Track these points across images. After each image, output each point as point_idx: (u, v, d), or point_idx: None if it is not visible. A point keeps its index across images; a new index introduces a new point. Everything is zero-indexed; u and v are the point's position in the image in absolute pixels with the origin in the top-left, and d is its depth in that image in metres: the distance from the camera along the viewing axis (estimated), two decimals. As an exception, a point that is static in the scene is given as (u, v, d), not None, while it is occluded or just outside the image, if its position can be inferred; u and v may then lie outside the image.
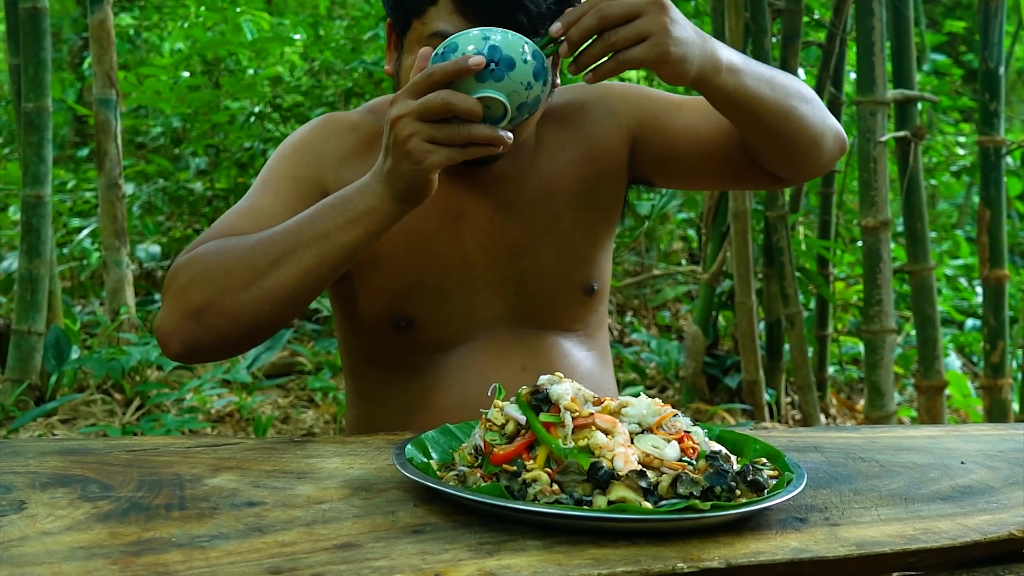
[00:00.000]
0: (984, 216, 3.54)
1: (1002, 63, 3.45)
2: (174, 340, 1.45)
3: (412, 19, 1.54)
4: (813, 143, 1.60)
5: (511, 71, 1.30)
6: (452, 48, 1.32)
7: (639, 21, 1.31)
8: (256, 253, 1.42)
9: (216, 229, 1.53)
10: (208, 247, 1.46)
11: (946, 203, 7.59)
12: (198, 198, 5.62)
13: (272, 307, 1.43)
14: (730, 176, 1.75)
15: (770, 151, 1.61)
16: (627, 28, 1.31)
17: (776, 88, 1.53)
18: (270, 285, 1.41)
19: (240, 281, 1.41)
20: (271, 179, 1.62)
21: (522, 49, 1.31)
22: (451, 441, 1.29)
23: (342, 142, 1.66)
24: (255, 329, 1.45)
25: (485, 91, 1.30)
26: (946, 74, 6.65)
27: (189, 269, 1.44)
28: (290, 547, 0.97)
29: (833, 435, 1.57)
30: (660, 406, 1.17)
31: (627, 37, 1.31)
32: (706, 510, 1.03)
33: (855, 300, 4.98)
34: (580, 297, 1.72)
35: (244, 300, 1.41)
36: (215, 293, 1.41)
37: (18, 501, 1.07)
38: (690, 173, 1.75)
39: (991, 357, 3.55)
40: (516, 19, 1.46)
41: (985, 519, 1.15)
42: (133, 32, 7.13)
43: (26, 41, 3.57)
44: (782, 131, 1.56)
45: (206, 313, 1.42)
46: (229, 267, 1.42)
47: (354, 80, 5.53)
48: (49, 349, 3.48)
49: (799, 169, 1.67)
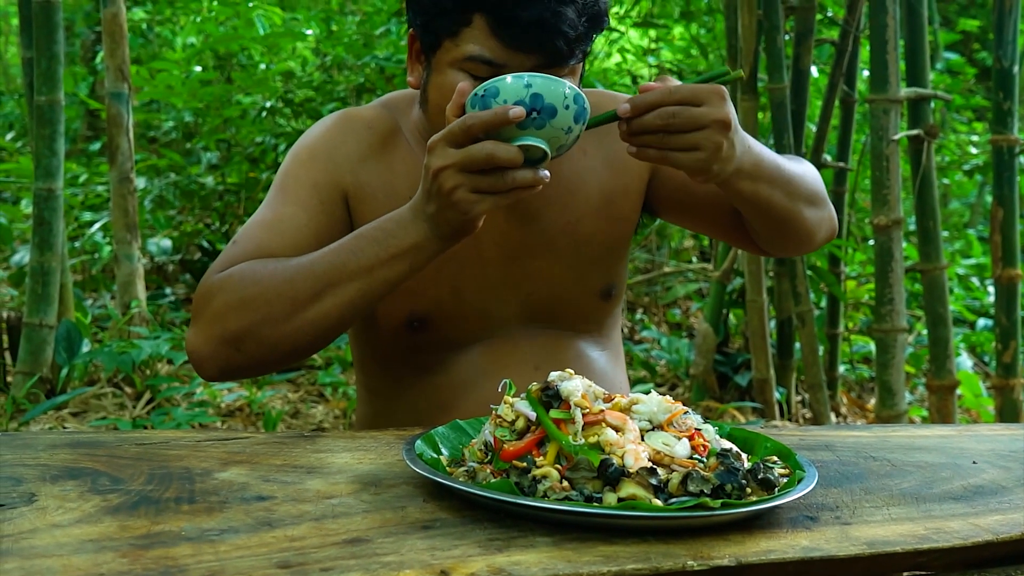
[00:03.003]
0: (997, 215, 3.52)
1: (1016, 62, 3.43)
2: (210, 365, 1.46)
3: (443, 39, 1.51)
4: (807, 237, 1.68)
5: (553, 119, 1.30)
6: (493, 93, 1.30)
7: (698, 134, 1.34)
8: (297, 284, 1.42)
9: (243, 247, 1.51)
10: (243, 270, 1.45)
11: (958, 202, 7.56)
12: (209, 192, 5.63)
13: (313, 337, 1.44)
14: (727, 233, 1.78)
15: (765, 237, 1.69)
16: (685, 138, 1.34)
17: (789, 192, 1.58)
18: (312, 317, 1.42)
19: (281, 312, 1.42)
20: (291, 186, 1.60)
21: (564, 95, 1.30)
22: (461, 437, 1.28)
23: (358, 141, 1.65)
24: (292, 355, 1.47)
25: (526, 139, 1.29)
26: (960, 73, 6.62)
27: (224, 294, 1.44)
28: (299, 541, 0.97)
29: (844, 434, 1.56)
30: (671, 403, 1.17)
31: (681, 145, 1.34)
32: (716, 508, 1.03)
33: (867, 299, 4.96)
34: (596, 301, 1.72)
35: (285, 331, 1.42)
36: (255, 322, 1.42)
37: (28, 493, 1.07)
38: (694, 218, 1.80)
39: (1003, 357, 3.53)
40: (555, 45, 1.46)
41: (997, 519, 1.14)
42: (145, 26, 7.16)
43: (39, 35, 3.58)
44: (781, 228, 1.63)
45: (245, 341, 1.43)
46: (269, 297, 1.42)
47: (366, 75, 5.53)
48: (60, 342, 3.49)
49: (786, 252, 1.81)
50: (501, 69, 1.46)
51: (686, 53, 6.15)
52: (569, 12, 1.45)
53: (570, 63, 1.50)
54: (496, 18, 1.45)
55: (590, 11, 1.48)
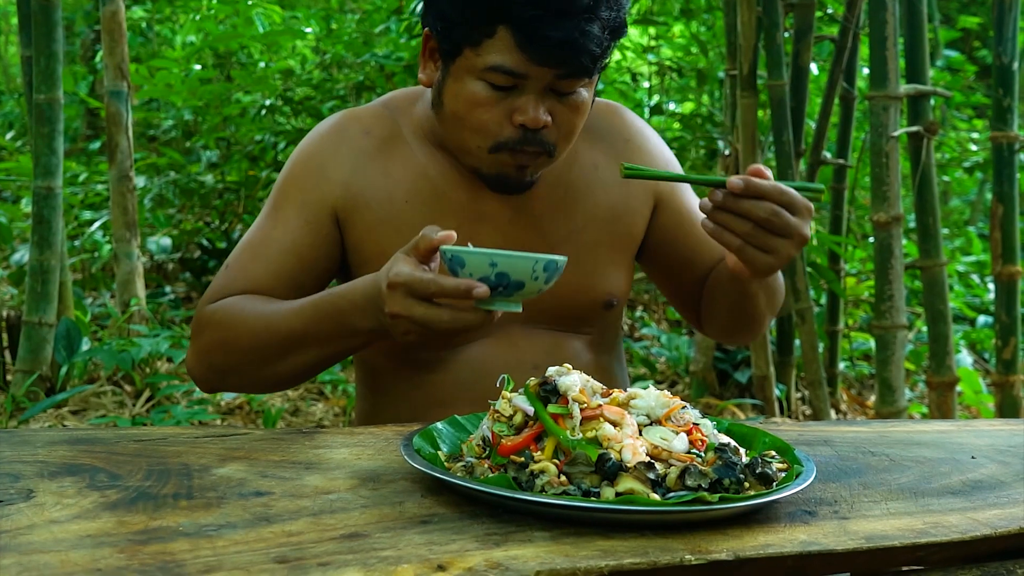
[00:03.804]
0: (997, 212, 3.52)
1: (1016, 59, 3.43)
2: (204, 385, 1.63)
3: (464, 47, 1.51)
4: (753, 337, 1.79)
5: (520, 289, 1.28)
6: (459, 262, 1.27)
7: (781, 241, 1.37)
8: (265, 340, 1.52)
9: (232, 275, 1.61)
10: (227, 312, 1.55)
11: (959, 199, 7.56)
12: (209, 191, 5.63)
13: (287, 381, 1.58)
14: (679, 299, 1.85)
15: (721, 324, 1.78)
16: (770, 240, 1.37)
17: (770, 300, 1.68)
18: (280, 369, 1.54)
19: (255, 360, 1.54)
20: (282, 205, 1.65)
21: (531, 270, 1.27)
22: (459, 432, 1.28)
23: (353, 150, 1.66)
24: (276, 389, 1.60)
25: (493, 306, 1.28)
26: (960, 70, 6.62)
27: (211, 332, 1.57)
28: (297, 537, 0.97)
29: (843, 429, 1.56)
30: (669, 398, 1.17)
31: (763, 245, 1.37)
32: (714, 502, 1.03)
33: (866, 296, 4.96)
34: (597, 310, 1.73)
35: (263, 375, 1.56)
36: (236, 364, 1.56)
37: (26, 490, 1.07)
38: (662, 269, 1.82)
39: (1003, 354, 3.53)
40: (580, 62, 1.46)
41: (995, 513, 1.14)
42: (145, 25, 7.15)
43: (38, 33, 3.57)
44: (743, 325, 1.74)
45: (229, 375, 1.59)
46: (243, 346, 1.54)
47: (365, 74, 5.52)
48: (60, 340, 3.49)
49: (726, 341, 1.90)
50: (522, 80, 1.47)
51: (686, 50, 6.15)
52: (595, 29, 1.45)
53: (592, 76, 1.51)
54: (524, 34, 1.45)
55: (613, 24, 1.48)
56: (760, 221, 1.35)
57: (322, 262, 1.64)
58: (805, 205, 1.37)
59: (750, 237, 1.36)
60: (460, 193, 1.65)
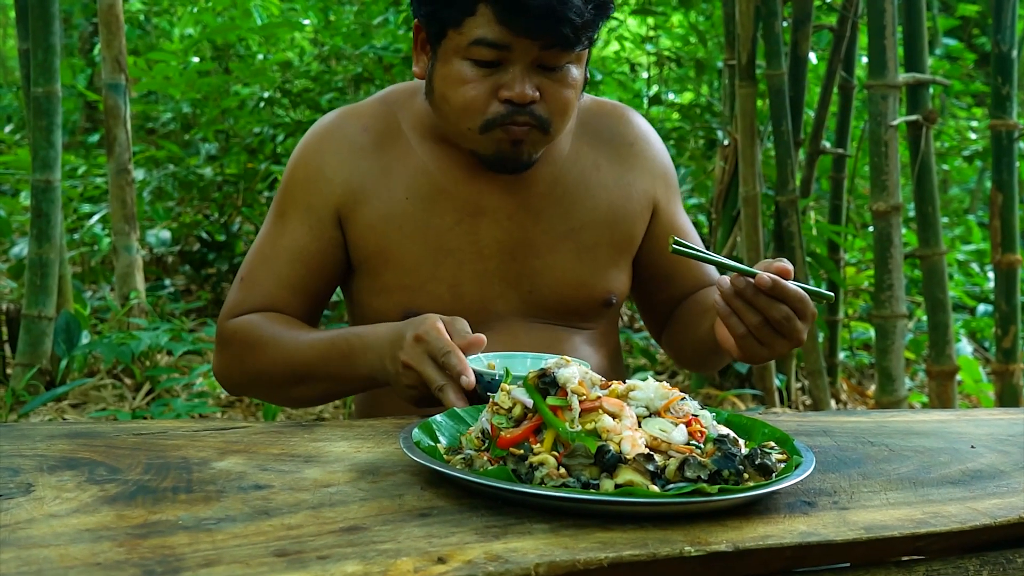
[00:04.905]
0: (996, 201, 3.52)
1: (1015, 47, 3.42)
2: (228, 391, 1.78)
3: (448, 29, 1.53)
4: (702, 372, 1.89)
5: None
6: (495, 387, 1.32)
7: (782, 339, 1.40)
8: (280, 368, 1.61)
9: (248, 289, 1.68)
10: (249, 333, 1.63)
11: (958, 188, 7.55)
12: (208, 183, 5.62)
13: (303, 403, 1.72)
14: (652, 318, 1.89)
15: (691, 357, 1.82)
16: (774, 337, 1.40)
17: None
18: (294, 395, 1.66)
19: (270, 384, 1.65)
20: (286, 210, 1.69)
21: None
22: (458, 425, 1.28)
23: (351, 146, 1.67)
24: (294, 407, 1.72)
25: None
26: (959, 58, 6.60)
27: (232, 349, 1.66)
28: (296, 530, 0.97)
29: (842, 419, 1.56)
30: (668, 389, 1.17)
31: (767, 340, 1.40)
32: (713, 494, 1.03)
33: (866, 285, 4.96)
34: (596, 307, 1.74)
35: (276, 397, 1.71)
36: (253, 383, 1.68)
37: (25, 484, 1.07)
38: (643, 279, 1.83)
39: (1003, 343, 3.53)
40: (560, 32, 1.47)
41: (995, 503, 1.14)
42: (143, 17, 7.14)
43: (35, 25, 3.56)
44: (696, 363, 1.86)
45: (248, 390, 1.74)
46: (260, 370, 1.63)
47: (364, 65, 5.52)
48: (59, 334, 3.49)
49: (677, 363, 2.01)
50: (506, 53, 1.48)
51: (684, 40, 6.14)
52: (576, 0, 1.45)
53: (576, 50, 1.51)
54: (503, 6, 1.46)
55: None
56: (772, 320, 1.38)
57: (329, 267, 1.68)
58: (812, 312, 1.40)
59: (757, 330, 1.39)
60: (460, 188, 1.65)
